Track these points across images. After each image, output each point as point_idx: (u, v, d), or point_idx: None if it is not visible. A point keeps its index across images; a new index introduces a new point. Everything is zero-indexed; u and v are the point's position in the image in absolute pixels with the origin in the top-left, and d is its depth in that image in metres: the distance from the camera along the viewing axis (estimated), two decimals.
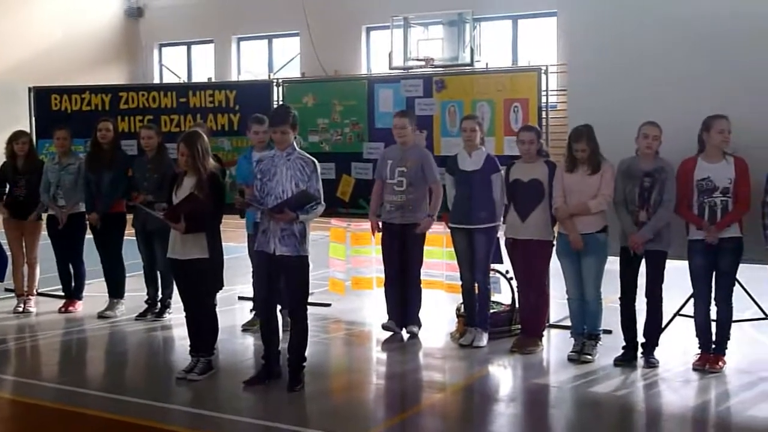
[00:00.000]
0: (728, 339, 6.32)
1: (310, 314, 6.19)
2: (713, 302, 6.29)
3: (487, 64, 16.99)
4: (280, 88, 8.87)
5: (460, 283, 7.30)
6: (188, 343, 6.42)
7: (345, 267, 8.84)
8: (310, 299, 8.56)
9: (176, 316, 7.84)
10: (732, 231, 6.14)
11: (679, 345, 6.72)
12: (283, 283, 6.01)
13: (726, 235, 6.12)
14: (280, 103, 8.61)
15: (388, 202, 7.30)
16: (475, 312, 7.15)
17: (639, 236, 6.27)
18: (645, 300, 6.43)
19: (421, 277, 7.54)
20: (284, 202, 5.78)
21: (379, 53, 19.39)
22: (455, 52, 17.83)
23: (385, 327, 7.41)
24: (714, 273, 6.23)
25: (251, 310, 7.85)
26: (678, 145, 6.35)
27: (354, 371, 6.83)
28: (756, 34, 6.53)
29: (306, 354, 6.12)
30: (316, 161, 5.95)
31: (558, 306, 7.37)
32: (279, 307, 6.38)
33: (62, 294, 8.69)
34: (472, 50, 17.72)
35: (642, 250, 6.31)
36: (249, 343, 7.33)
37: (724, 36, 6.63)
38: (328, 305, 8.61)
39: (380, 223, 7.42)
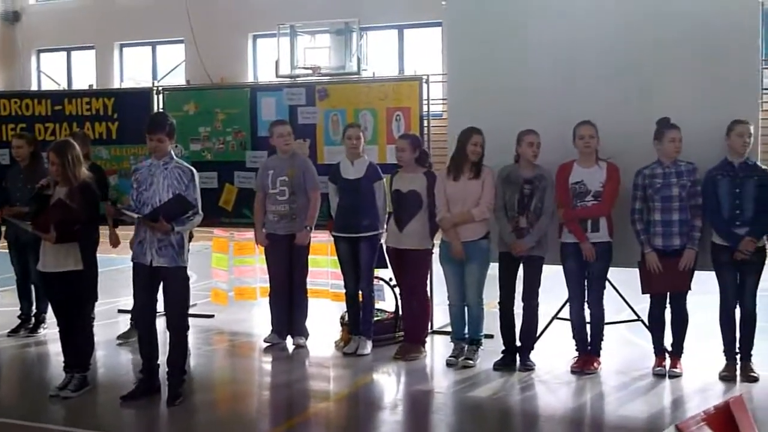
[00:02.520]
0: (602, 340, 6.51)
1: (193, 326, 6.09)
2: (587, 305, 6.48)
3: (374, 72, 17.13)
4: (161, 96, 8.70)
5: (344, 291, 7.30)
6: (63, 358, 6.21)
7: (228, 277, 8.74)
8: (193, 311, 8.45)
9: (51, 331, 7.57)
10: (602, 236, 6.32)
11: (557, 347, 6.88)
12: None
13: (596, 240, 6.30)
14: (161, 111, 8.43)
15: (272, 213, 7.26)
16: (359, 320, 7.17)
17: (521, 245, 6.40)
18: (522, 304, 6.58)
19: (307, 287, 7.52)
20: (159, 208, 5.66)
21: (266, 61, 19.31)
22: (342, 60, 17.95)
23: (266, 341, 7.36)
24: (586, 276, 6.42)
25: (130, 321, 7.67)
26: (554, 153, 6.52)
27: (237, 382, 6.74)
28: (627, 45, 6.76)
29: (187, 367, 6.01)
30: (194, 170, 5.85)
31: (442, 312, 7.46)
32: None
33: None
34: (358, 59, 17.88)
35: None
36: (127, 357, 7.15)
37: (596, 48, 6.84)
38: (211, 316, 8.49)
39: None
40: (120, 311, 8.68)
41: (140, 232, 5.81)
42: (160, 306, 5.99)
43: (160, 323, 6.00)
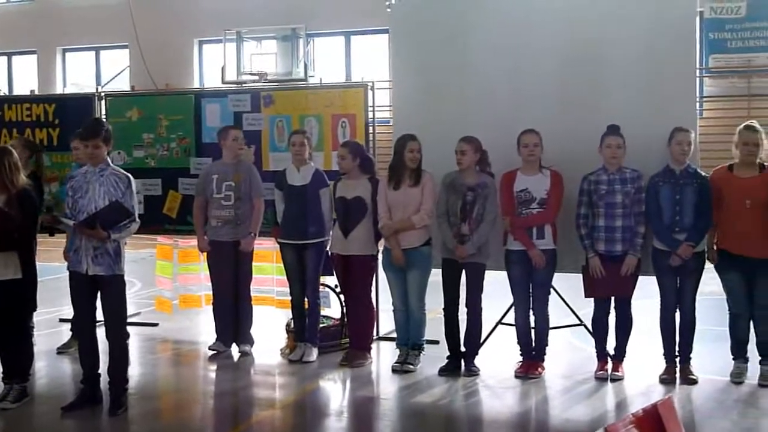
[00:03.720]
0: (546, 345, 6.58)
1: (137, 334, 6.00)
2: (531, 310, 6.54)
3: (321, 79, 17.11)
4: (103, 102, 8.59)
5: (290, 298, 7.27)
6: (1, 369, 6.08)
7: (172, 285, 8.66)
8: (137, 319, 8.39)
9: None
10: (546, 243, 6.39)
11: (502, 352, 6.93)
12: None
13: (541, 247, 6.36)
14: (104, 117, 8.34)
15: (215, 218, 7.21)
16: (304, 327, 7.15)
17: (463, 249, 6.44)
18: (466, 310, 6.62)
19: (252, 294, 7.48)
20: (95, 215, 5.57)
21: (212, 67, 19.18)
22: (289, 67, 17.93)
23: (211, 349, 7.30)
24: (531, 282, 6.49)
25: (71, 331, 7.54)
26: (499, 161, 6.57)
27: (182, 391, 6.65)
28: (569, 54, 6.85)
29: (129, 376, 5.93)
30: (131, 177, 5.77)
31: (388, 318, 7.47)
32: None
33: None
34: (306, 65, 17.87)
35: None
36: (68, 367, 7.02)
37: (539, 56, 6.92)
38: (155, 325, 8.39)
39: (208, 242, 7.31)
40: (61, 320, 8.53)
41: (75, 241, 5.72)
42: (101, 315, 5.90)
43: (101, 332, 5.91)
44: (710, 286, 6.40)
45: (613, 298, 6.43)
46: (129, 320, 6.30)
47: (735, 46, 16.27)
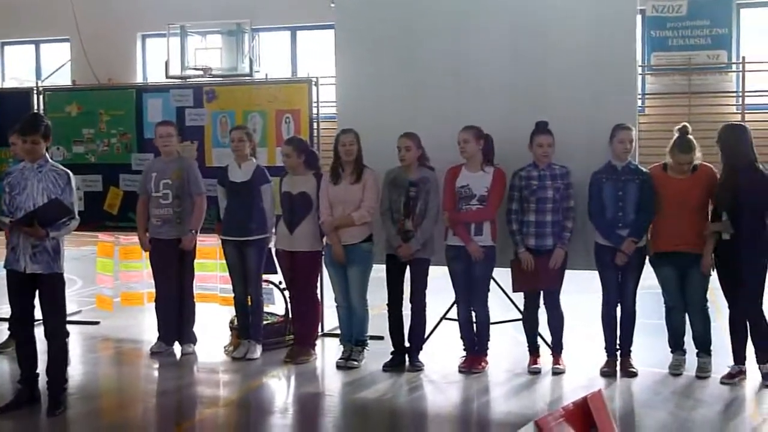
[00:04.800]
0: (488, 340, 6.63)
1: (78, 333, 5.90)
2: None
3: (266, 74, 17.03)
4: (42, 97, 8.43)
5: (233, 295, 7.22)
6: None
7: (114, 283, 8.54)
8: (78, 317, 8.26)
9: None
10: (484, 240, 6.43)
11: (446, 348, 6.97)
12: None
13: (479, 243, 6.40)
14: (42, 112, 8.18)
15: (155, 217, 7.12)
16: (248, 324, 7.11)
17: (406, 249, 6.46)
18: (410, 306, 6.64)
19: (195, 291, 7.42)
20: (34, 212, 5.47)
21: (156, 62, 18.94)
22: (234, 62, 17.79)
23: (153, 350, 7.22)
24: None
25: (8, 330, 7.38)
26: (443, 157, 6.59)
27: (123, 390, 6.58)
28: (512, 51, 6.90)
29: (68, 375, 5.84)
30: (70, 173, 5.67)
31: (333, 315, 7.45)
32: None
33: None
34: (251, 60, 17.74)
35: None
36: (5, 366, 6.88)
37: (482, 53, 6.96)
38: (97, 323, 8.27)
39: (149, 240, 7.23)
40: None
41: (13, 238, 5.60)
42: (39, 313, 5.79)
43: (39, 331, 5.80)
44: (649, 280, 6.50)
45: (542, 293, 6.50)
46: (69, 319, 6.19)
47: (676, 44, 16.57)
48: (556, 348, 6.57)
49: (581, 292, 6.79)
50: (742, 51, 16.28)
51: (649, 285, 6.59)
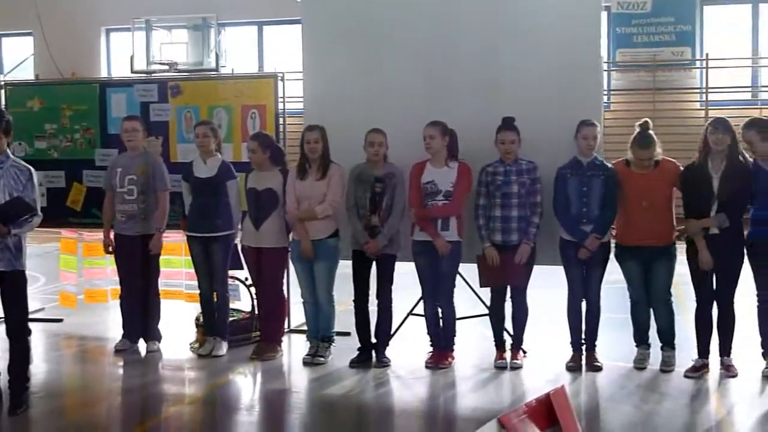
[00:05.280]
0: (454, 335, 6.64)
1: (41, 331, 5.81)
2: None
3: (233, 69, 16.93)
4: (3, 91, 8.32)
5: (198, 292, 7.17)
6: None
7: (77, 279, 8.44)
8: (41, 315, 8.16)
9: None
10: (451, 235, 6.43)
11: (412, 343, 6.97)
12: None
13: (446, 239, 6.40)
14: (4, 107, 8.06)
15: (120, 212, 7.04)
16: (214, 321, 7.06)
17: (374, 245, 6.45)
18: (376, 302, 6.64)
19: (160, 288, 7.35)
20: None
21: (121, 56, 18.76)
22: (200, 56, 17.69)
23: (117, 348, 7.15)
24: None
25: None
26: (410, 153, 6.59)
27: (87, 388, 6.50)
28: (480, 48, 6.91)
29: (30, 374, 5.75)
30: (32, 169, 5.57)
31: (300, 311, 7.42)
32: None
33: None
34: (217, 55, 17.63)
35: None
36: None
37: (450, 49, 6.97)
38: (60, 320, 8.17)
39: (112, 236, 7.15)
40: None
41: None
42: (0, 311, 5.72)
43: (1, 330, 5.72)
44: (615, 274, 6.54)
45: (509, 288, 6.53)
46: (32, 316, 6.13)
47: (641, 41, 16.73)
48: (517, 343, 6.60)
49: (549, 287, 6.81)
50: (706, 48, 16.47)
51: (614, 279, 6.64)
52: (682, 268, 6.38)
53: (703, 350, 6.30)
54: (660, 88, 16.36)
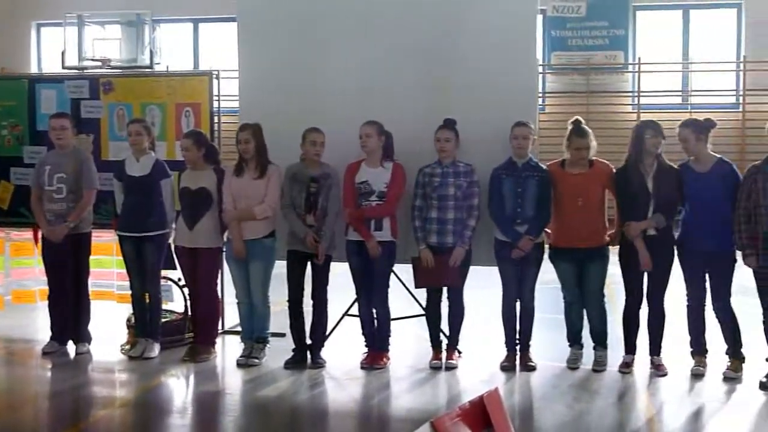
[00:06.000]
0: (389, 336, 6.63)
1: None
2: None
3: (167, 66, 16.68)
4: None
5: (130, 292, 7.04)
6: None
7: (4, 280, 8.23)
8: None
9: None
10: (384, 235, 6.42)
11: (348, 344, 6.94)
12: None
13: (379, 239, 6.40)
14: None
15: (48, 212, 6.88)
16: (145, 322, 6.94)
17: (312, 239, 6.39)
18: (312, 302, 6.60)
19: (91, 288, 7.21)
20: None
21: (52, 52, 18.34)
22: (134, 53, 17.39)
23: (45, 351, 6.98)
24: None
25: None
26: (346, 152, 6.57)
27: (14, 392, 6.33)
28: (415, 49, 6.90)
29: None
30: None
31: (235, 312, 7.34)
32: None
33: None
34: (151, 52, 17.36)
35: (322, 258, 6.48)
36: None
37: (386, 49, 6.94)
38: None
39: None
40: None
41: None
42: None
43: None
44: (548, 274, 6.60)
45: (445, 289, 6.54)
46: None
47: (575, 44, 16.95)
48: (453, 344, 6.62)
49: (485, 288, 6.84)
50: (638, 52, 16.76)
51: (548, 279, 6.70)
52: (614, 269, 6.47)
53: (631, 347, 6.40)
54: (594, 91, 16.60)
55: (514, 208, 6.37)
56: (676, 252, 6.29)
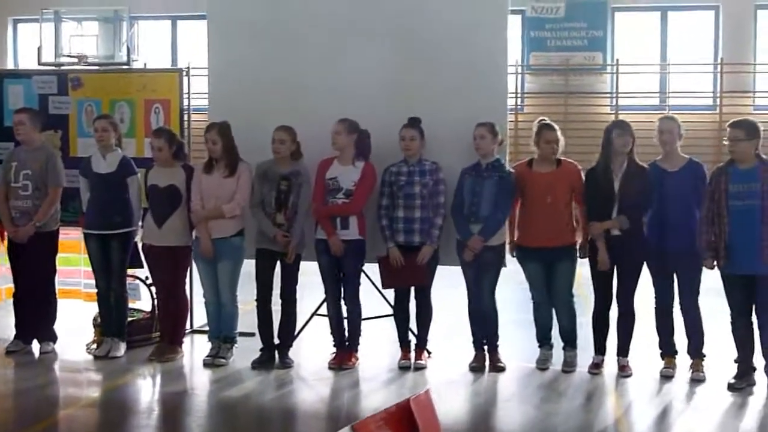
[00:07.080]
0: (359, 335, 6.58)
1: None
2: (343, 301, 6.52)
3: (145, 63, 16.58)
4: None
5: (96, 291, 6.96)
6: None
7: None
8: None
9: None
10: (351, 234, 6.38)
11: (316, 344, 6.89)
12: None
13: (345, 237, 6.35)
14: None
15: (14, 209, 6.79)
16: (111, 320, 6.86)
17: (282, 237, 6.34)
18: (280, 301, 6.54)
19: (57, 286, 7.14)
20: None
21: (28, 48, 18.17)
22: (111, 50, 17.25)
23: (9, 350, 6.88)
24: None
25: None
26: (317, 151, 6.52)
27: None
28: (386, 48, 6.86)
29: None
30: None
31: (203, 311, 7.27)
32: None
33: None
34: (128, 49, 17.23)
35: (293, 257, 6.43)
36: None
37: (356, 48, 6.89)
38: None
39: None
40: None
41: None
42: None
43: None
44: (519, 275, 6.57)
45: (413, 288, 6.50)
46: None
47: (554, 45, 16.98)
48: (422, 343, 6.58)
49: (454, 287, 6.81)
50: (617, 54, 16.81)
51: (519, 280, 6.66)
52: (585, 270, 6.45)
53: (600, 347, 6.38)
54: (572, 92, 16.63)
55: (470, 207, 6.32)
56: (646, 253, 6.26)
